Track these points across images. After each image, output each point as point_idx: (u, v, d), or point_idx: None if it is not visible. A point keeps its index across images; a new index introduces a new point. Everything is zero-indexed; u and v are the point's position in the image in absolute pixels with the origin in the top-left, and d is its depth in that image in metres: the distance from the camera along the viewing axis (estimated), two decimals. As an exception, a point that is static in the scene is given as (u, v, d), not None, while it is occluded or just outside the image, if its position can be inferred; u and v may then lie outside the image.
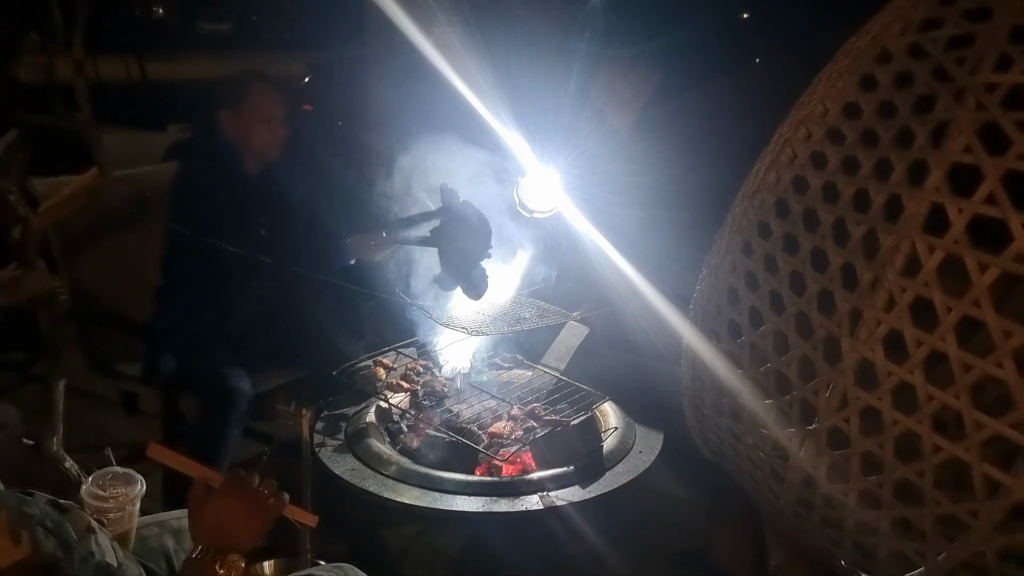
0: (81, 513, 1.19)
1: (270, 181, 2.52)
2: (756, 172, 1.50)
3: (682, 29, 3.67)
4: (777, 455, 1.38)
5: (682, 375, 1.67)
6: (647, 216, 2.88)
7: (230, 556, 1.18)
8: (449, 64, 2.73)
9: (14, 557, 0.99)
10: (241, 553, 1.20)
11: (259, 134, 2.41)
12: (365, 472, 1.96)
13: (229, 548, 1.18)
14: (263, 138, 2.42)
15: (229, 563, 1.18)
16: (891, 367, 1.16)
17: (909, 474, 1.17)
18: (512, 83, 2.73)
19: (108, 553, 1.18)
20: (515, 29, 2.87)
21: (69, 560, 1.06)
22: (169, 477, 2.06)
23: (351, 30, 3.92)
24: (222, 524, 1.20)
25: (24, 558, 0.99)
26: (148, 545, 1.47)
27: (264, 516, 1.23)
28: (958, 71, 1.16)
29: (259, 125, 2.40)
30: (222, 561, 1.17)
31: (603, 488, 1.91)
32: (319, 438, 2.09)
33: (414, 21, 2.83)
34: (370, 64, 3.39)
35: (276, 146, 2.46)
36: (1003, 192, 1.06)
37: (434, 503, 1.86)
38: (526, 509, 1.82)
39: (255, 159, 2.47)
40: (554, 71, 2.82)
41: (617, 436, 2.10)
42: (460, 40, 2.99)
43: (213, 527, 1.20)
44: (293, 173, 2.50)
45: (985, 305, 1.06)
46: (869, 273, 1.19)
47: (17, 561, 0.99)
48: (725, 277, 1.44)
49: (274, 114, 2.42)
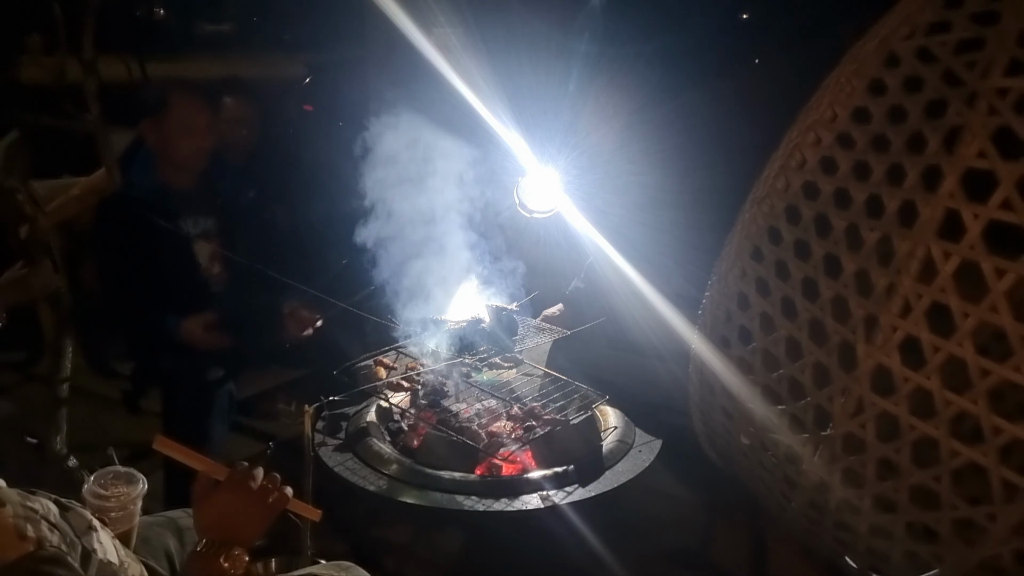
0: (83, 511, 1.20)
1: (209, 195, 2.45)
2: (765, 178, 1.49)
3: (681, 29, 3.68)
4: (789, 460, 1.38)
5: (690, 379, 1.67)
6: (647, 216, 2.88)
7: (234, 550, 1.18)
8: (449, 64, 2.74)
9: (20, 551, 0.99)
10: (245, 547, 1.20)
11: (182, 148, 2.33)
12: (365, 471, 1.96)
13: (233, 542, 1.19)
14: (185, 152, 2.34)
15: (233, 557, 1.18)
16: (908, 373, 1.16)
17: (926, 479, 1.17)
18: (512, 83, 2.74)
19: (110, 551, 1.18)
20: (515, 29, 2.88)
21: (73, 555, 1.07)
22: (171, 476, 2.06)
23: (351, 30, 3.92)
24: (227, 518, 1.21)
25: (29, 553, 1.00)
26: (150, 544, 1.47)
27: (268, 510, 1.24)
28: (968, 75, 1.15)
29: (182, 137, 2.32)
30: (226, 555, 1.17)
31: (603, 488, 1.91)
32: (320, 437, 2.09)
33: (414, 21, 2.83)
34: (370, 64, 3.40)
35: (198, 159, 2.38)
36: (1019, 197, 1.05)
37: (434, 502, 1.86)
38: (526, 508, 1.83)
39: (179, 173, 2.40)
40: (554, 71, 2.83)
41: (617, 436, 2.10)
42: (460, 40, 2.99)
43: (217, 521, 1.21)
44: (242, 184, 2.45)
45: (1002, 310, 1.05)
46: (884, 279, 1.18)
47: (23, 555, 0.99)
48: (735, 283, 1.44)
49: (198, 124, 2.34)
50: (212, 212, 2.47)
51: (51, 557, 1.02)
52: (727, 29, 4.53)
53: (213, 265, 2.46)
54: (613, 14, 3.03)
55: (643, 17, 3.44)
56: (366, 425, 2.15)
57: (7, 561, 0.98)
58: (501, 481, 1.92)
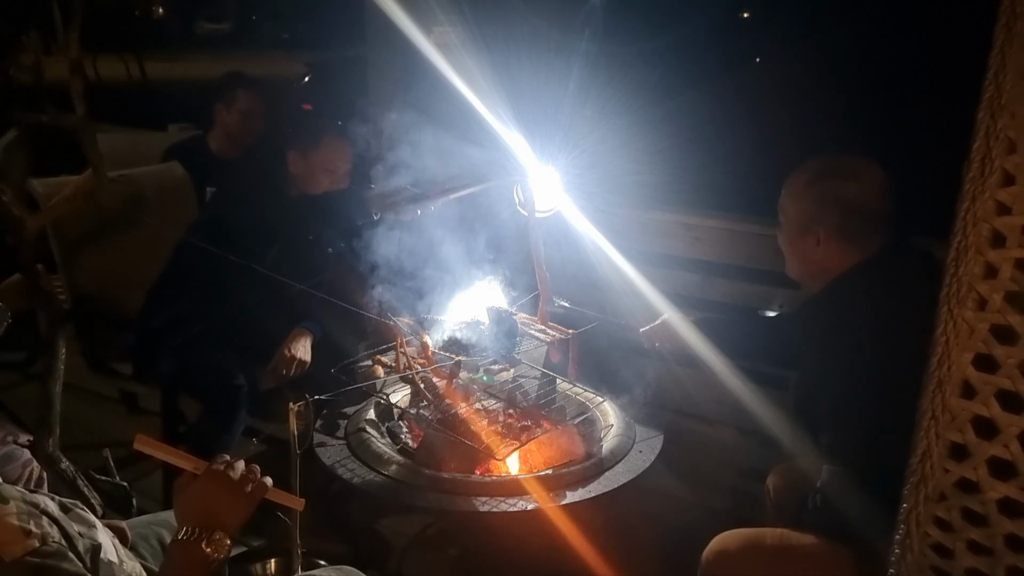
0: (83, 510, 1.20)
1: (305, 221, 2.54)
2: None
3: (682, 28, 3.68)
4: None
5: None
6: (647, 216, 2.88)
7: (216, 534, 1.20)
8: (449, 64, 2.73)
9: (24, 547, 1.01)
10: (227, 532, 1.22)
11: (318, 182, 2.47)
12: (364, 471, 1.96)
13: (214, 527, 1.20)
14: (321, 186, 2.47)
15: (215, 541, 1.20)
16: None
17: None
18: (512, 82, 2.73)
19: (109, 550, 1.19)
20: (515, 27, 2.87)
21: (75, 551, 1.08)
22: (170, 476, 2.06)
23: (351, 30, 3.92)
24: (205, 504, 1.22)
25: (33, 549, 1.01)
26: (148, 543, 1.48)
27: (247, 497, 1.25)
28: None
29: (322, 174, 2.46)
30: (208, 540, 1.19)
31: (603, 488, 1.90)
32: (319, 437, 2.09)
33: (414, 21, 2.83)
34: (370, 64, 3.39)
35: None
36: None
37: (434, 503, 1.85)
38: (526, 509, 1.82)
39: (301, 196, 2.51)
40: (554, 70, 2.82)
41: (617, 436, 2.10)
42: (460, 40, 2.99)
43: (197, 508, 1.22)
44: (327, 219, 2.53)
45: None
46: None
47: (27, 551, 1.01)
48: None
49: (339, 168, 2.48)
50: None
51: (54, 553, 1.04)
52: (728, 28, 4.53)
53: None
54: (614, 12, 3.03)
55: (644, 16, 3.44)
56: (365, 424, 2.14)
57: (12, 557, 1.00)
58: (501, 481, 1.91)
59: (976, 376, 0.96)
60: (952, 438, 0.98)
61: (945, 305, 0.97)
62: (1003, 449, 0.95)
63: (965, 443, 0.97)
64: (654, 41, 3.46)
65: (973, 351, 0.95)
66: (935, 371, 0.98)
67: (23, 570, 0.99)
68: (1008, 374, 0.94)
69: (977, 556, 0.99)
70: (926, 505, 1.01)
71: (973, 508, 0.98)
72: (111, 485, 2.22)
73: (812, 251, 1.73)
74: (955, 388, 0.97)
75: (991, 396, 0.95)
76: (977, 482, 0.97)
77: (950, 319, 0.97)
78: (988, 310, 0.94)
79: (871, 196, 1.66)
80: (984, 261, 0.94)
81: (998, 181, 0.91)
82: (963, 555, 1.00)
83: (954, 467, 0.99)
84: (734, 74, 4.66)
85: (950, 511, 1.00)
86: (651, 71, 3.22)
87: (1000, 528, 0.97)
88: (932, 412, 0.99)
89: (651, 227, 2.89)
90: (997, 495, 0.96)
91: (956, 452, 0.99)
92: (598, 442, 2.04)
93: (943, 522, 1.01)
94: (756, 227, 2.66)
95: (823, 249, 1.71)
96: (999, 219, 0.92)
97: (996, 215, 0.92)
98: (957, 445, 0.98)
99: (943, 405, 0.98)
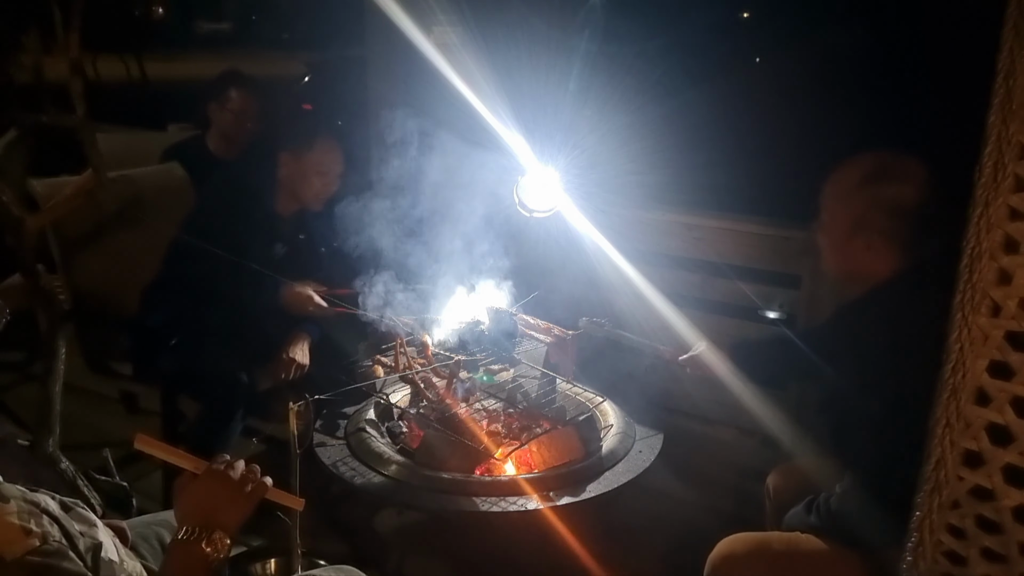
0: (84, 509, 1.20)
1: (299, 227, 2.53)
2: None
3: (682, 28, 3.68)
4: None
5: None
6: (647, 216, 2.88)
7: (215, 534, 1.20)
8: (449, 64, 2.73)
9: (25, 546, 1.01)
10: (227, 532, 1.22)
11: (310, 184, 2.43)
12: (364, 471, 1.96)
13: (214, 527, 1.20)
14: (312, 188, 2.43)
15: (215, 540, 1.20)
16: None
17: None
18: (512, 82, 2.73)
19: (109, 550, 1.19)
20: (515, 27, 2.87)
21: (76, 550, 1.08)
22: (170, 476, 2.06)
23: (351, 30, 3.92)
24: (205, 504, 1.22)
25: (34, 547, 1.01)
26: (148, 543, 1.48)
27: (247, 497, 1.25)
28: None
29: (314, 176, 2.42)
30: (208, 539, 1.19)
31: (603, 488, 1.90)
32: (319, 437, 2.09)
33: (414, 21, 2.83)
34: (370, 64, 3.39)
35: (320, 201, 2.47)
36: None
37: (434, 503, 1.85)
38: (526, 509, 1.82)
39: (293, 202, 2.49)
40: (554, 70, 2.82)
41: (617, 436, 2.10)
42: (460, 40, 2.99)
43: (196, 508, 1.22)
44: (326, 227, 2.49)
45: None
46: None
47: (28, 550, 1.01)
48: None
49: (332, 170, 2.43)
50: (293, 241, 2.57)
51: (55, 551, 1.04)
52: (728, 28, 4.53)
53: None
54: (614, 12, 3.03)
55: (644, 15, 3.44)
56: (365, 425, 2.14)
57: (13, 556, 1.00)
58: (501, 481, 1.91)
59: (991, 383, 0.95)
60: (967, 445, 0.98)
61: (959, 312, 0.96)
62: (1018, 456, 0.94)
63: (980, 450, 0.97)
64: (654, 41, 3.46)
65: (988, 358, 0.95)
66: (949, 378, 0.98)
67: (24, 569, 0.99)
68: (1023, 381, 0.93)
69: (991, 563, 0.99)
70: (940, 512, 1.01)
71: (987, 515, 0.98)
72: (111, 485, 2.22)
73: (860, 254, 1.64)
74: (970, 395, 0.96)
75: (1006, 403, 0.94)
76: (992, 489, 0.96)
77: (964, 326, 0.96)
78: (1002, 316, 0.93)
79: (924, 200, 1.57)
80: (998, 267, 0.93)
81: (1011, 186, 0.90)
82: (977, 562, 0.99)
83: (968, 474, 0.98)
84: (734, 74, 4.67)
85: (964, 518, 0.99)
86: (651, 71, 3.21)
87: (1015, 535, 0.96)
88: (946, 419, 0.98)
89: (651, 227, 2.89)
90: (1012, 503, 0.96)
91: (971, 459, 0.98)
92: (598, 442, 2.04)
93: (956, 529, 1.00)
94: (756, 227, 2.67)
95: (872, 253, 1.62)
96: (1012, 224, 0.91)
97: (1009, 220, 0.91)
98: (972, 452, 0.97)
99: (957, 412, 0.98)
